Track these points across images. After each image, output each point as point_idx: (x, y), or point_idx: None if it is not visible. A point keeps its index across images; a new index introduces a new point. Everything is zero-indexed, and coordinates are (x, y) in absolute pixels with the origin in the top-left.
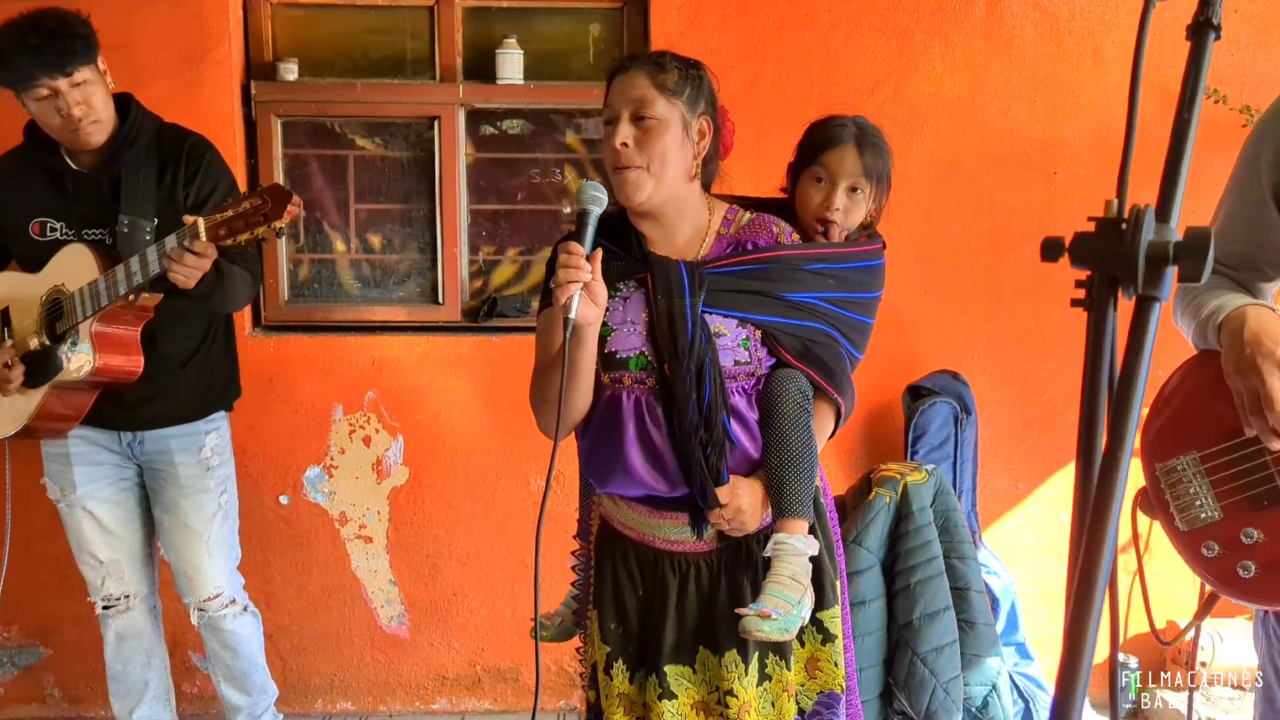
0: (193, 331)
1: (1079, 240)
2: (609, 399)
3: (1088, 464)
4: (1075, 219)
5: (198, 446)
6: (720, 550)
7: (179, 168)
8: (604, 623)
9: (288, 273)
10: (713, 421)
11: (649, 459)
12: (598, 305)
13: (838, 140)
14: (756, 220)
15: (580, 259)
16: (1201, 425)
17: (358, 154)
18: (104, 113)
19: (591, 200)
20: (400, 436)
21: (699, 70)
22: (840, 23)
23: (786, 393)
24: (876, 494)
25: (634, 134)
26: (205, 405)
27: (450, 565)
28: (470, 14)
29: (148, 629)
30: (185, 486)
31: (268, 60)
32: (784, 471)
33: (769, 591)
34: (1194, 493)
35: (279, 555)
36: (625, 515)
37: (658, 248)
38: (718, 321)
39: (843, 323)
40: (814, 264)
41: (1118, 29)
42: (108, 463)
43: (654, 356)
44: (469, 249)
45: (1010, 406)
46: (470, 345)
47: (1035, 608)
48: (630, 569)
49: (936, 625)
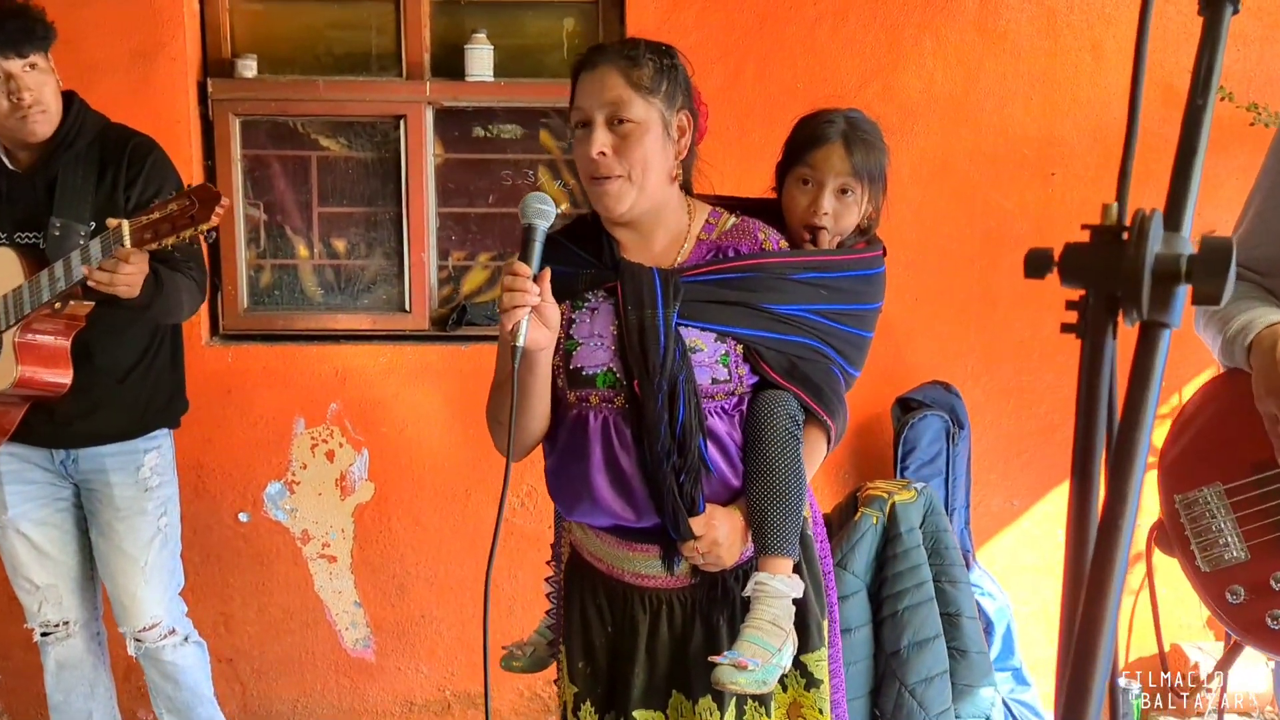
0: (134, 343)
1: (1071, 253)
2: (575, 419)
3: (1081, 527)
4: (1073, 222)
5: (135, 466)
6: (695, 587)
7: (120, 169)
8: (571, 661)
9: (247, 279)
10: (686, 445)
11: (616, 486)
12: (549, 328)
13: (824, 137)
14: (741, 225)
15: (526, 280)
16: (1227, 453)
17: (321, 155)
18: (53, 105)
19: (537, 215)
20: (365, 451)
21: (673, 59)
22: (826, 16)
23: (774, 417)
24: (863, 514)
25: (612, 140)
26: (145, 422)
27: (418, 586)
28: (438, 8)
29: (89, 657)
30: (121, 509)
31: (225, 56)
32: (767, 504)
33: (746, 638)
34: (1218, 529)
35: (238, 576)
36: (594, 545)
37: (632, 254)
38: (694, 335)
39: (836, 337)
40: (803, 273)
41: (1118, 23)
42: (41, 481)
43: (623, 373)
44: (437, 254)
45: (1005, 419)
46: (438, 355)
47: (1032, 630)
48: (599, 604)
49: (926, 654)
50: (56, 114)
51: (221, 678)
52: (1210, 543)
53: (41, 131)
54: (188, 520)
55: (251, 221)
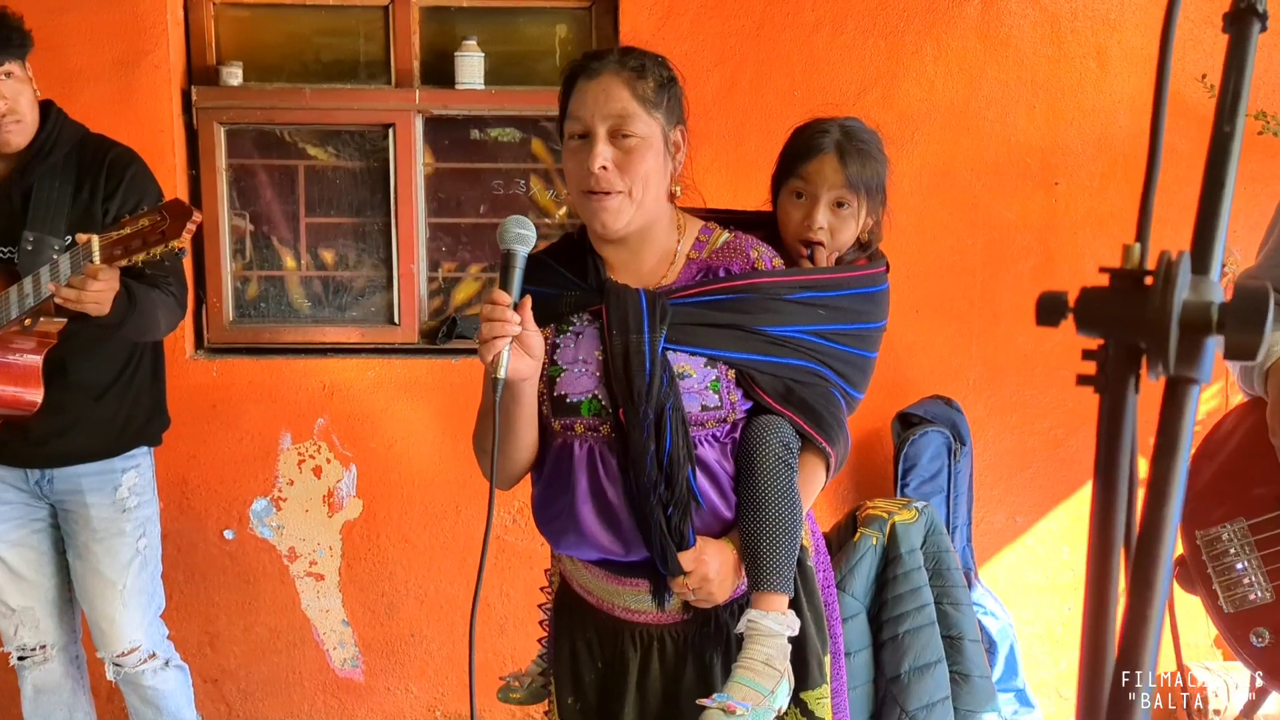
0: (111, 360)
1: (1089, 298)
2: (560, 448)
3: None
4: (1077, 233)
5: (113, 486)
6: (687, 623)
7: (98, 181)
8: (561, 696)
9: (233, 291)
10: (674, 476)
11: (602, 518)
12: (533, 356)
13: (818, 148)
14: (733, 242)
15: (506, 310)
16: (1249, 488)
17: (308, 164)
18: (28, 115)
19: (517, 239)
20: (353, 467)
21: (671, 72)
22: (824, 23)
23: (765, 444)
24: (862, 535)
25: (614, 155)
26: (123, 440)
27: (407, 604)
28: (428, 14)
29: (68, 681)
30: (99, 530)
31: (210, 64)
32: (759, 538)
33: (737, 679)
34: (1242, 568)
35: (224, 594)
36: (584, 578)
37: (619, 273)
38: (683, 360)
39: (836, 359)
40: (799, 292)
41: (1123, 29)
42: (16, 502)
43: (608, 400)
44: (427, 265)
45: (1008, 435)
46: (428, 369)
47: (1036, 650)
48: (589, 638)
49: (927, 679)
50: (32, 124)
51: (207, 698)
52: (1234, 582)
53: (16, 142)
54: (172, 538)
55: (237, 232)
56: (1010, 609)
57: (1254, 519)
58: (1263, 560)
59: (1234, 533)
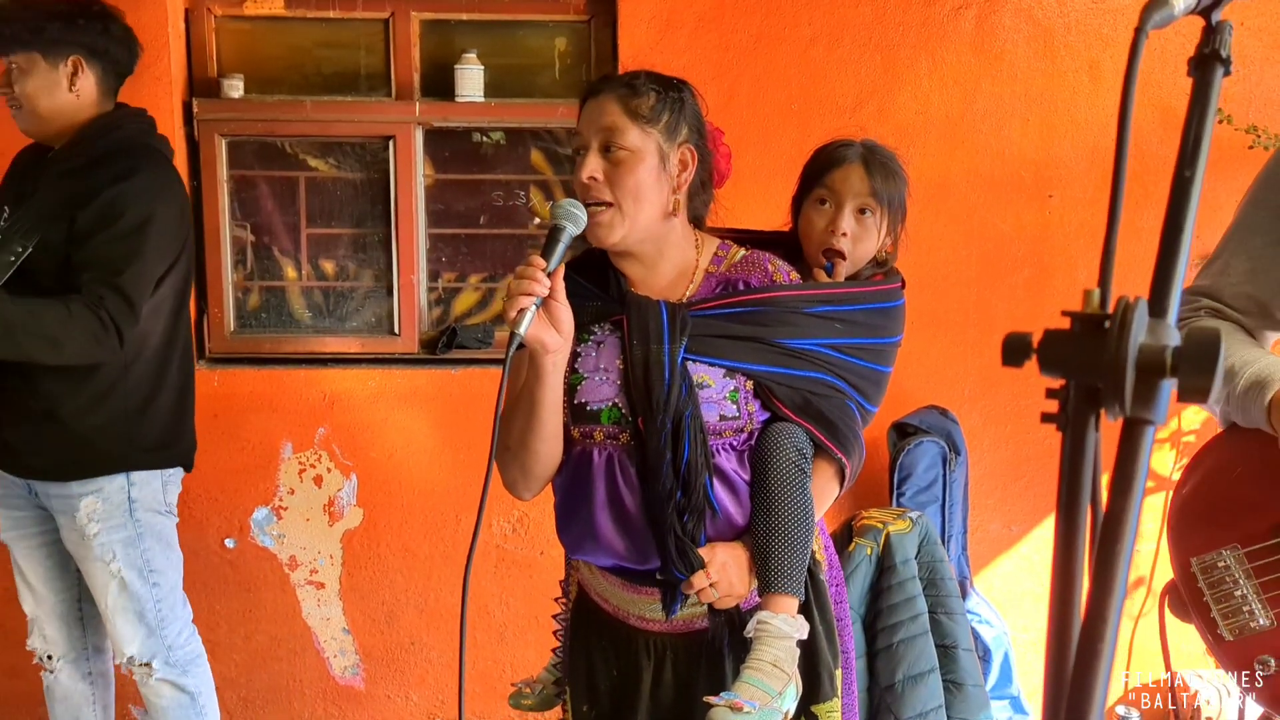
0: (74, 382)
1: (1050, 340)
2: (579, 455)
3: (1061, 646)
4: (1071, 244)
5: (72, 511)
6: (700, 632)
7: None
8: (576, 703)
9: (234, 301)
10: (691, 485)
11: (619, 525)
12: (560, 331)
13: (843, 159)
14: (750, 257)
15: (539, 271)
16: (1244, 514)
17: (309, 175)
18: (39, 106)
19: (567, 216)
20: (354, 476)
21: (680, 92)
22: (821, 37)
23: (780, 448)
24: (856, 545)
25: (603, 167)
26: (82, 467)
27: (407, 612)
28: (428, 27)
29: (76, 694)
30: (75, 551)
31: (211, 76)
32: (771, 541)
33: (745, 679)
34: (1241, 595)
35: (225, 602)
36: (600, 585)
37: (639, 288)
38: (702, 371)
39: (852, 372)
40: (817, 306)
41: (1115, 44)
42: (26, 510)
43: (628, 409)
44: (428, 275)
45: (1003, 444)
46: (428, 379)
47: (1030, 658)
48: (604, 646)
49: (921, 689)
50: (45, 117)
51: None
52: (1233, 609)
53: (25, 129)
54: None
55: (238, 243)
56: (1005, 617)
57: (1249, 546)
58: (1261, 588)
59: (1230, 559)
